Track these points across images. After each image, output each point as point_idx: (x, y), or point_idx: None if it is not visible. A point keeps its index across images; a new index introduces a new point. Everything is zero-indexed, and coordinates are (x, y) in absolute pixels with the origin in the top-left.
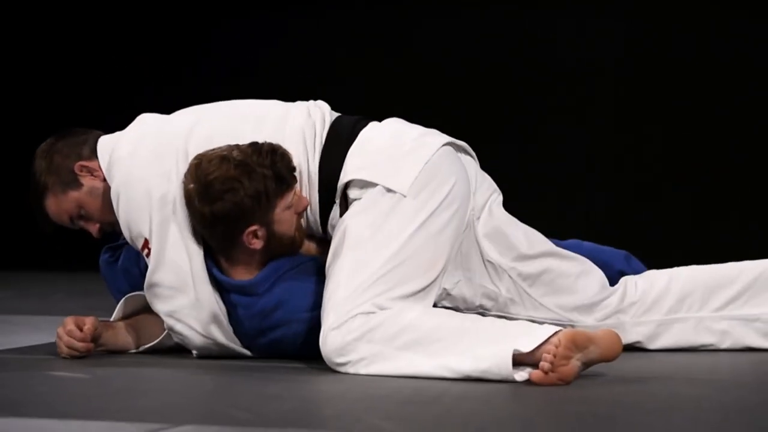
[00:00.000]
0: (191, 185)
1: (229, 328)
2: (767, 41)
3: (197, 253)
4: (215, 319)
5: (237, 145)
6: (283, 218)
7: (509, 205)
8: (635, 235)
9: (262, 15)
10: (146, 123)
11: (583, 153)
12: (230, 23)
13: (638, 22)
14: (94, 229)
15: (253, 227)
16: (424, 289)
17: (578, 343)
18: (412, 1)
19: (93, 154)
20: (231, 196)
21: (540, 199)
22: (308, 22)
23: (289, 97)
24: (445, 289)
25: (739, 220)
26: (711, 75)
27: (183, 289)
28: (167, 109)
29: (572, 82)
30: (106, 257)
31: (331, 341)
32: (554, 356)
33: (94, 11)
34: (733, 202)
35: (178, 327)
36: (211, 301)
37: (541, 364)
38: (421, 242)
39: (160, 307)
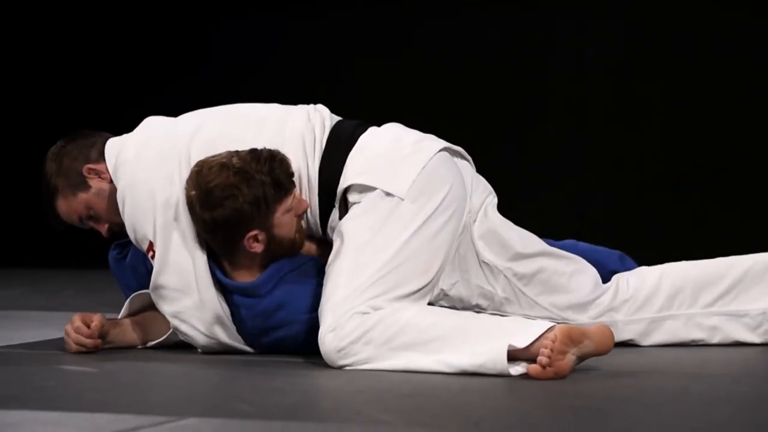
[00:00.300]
0: (192, 192)
1: (233, 328)
2: (767, 41)
3: (200, 256)
4: (219, 320)
5: (237, 152)
6: (283, 222)
7: (509, 205)
8: (635, 235)
9: (262, 15)
10: (152, 126)
11: (583, 153)
12: (230, 23)
13: (638, 22)
14: (103, 229)
15: (254, 232)
16: (420, 290)
17: (573, 337)
18: (412, 1)
19: (101, 157)
20: (231, 203)
21: (539, 199)
22: (308, 22)
23: (289, 97)
24: (442, 289)
25: (739, 219)
26: (711, 75)
27: (187, 291)
28: (167, 108)
29: (572, 82)
30: (115, 254)
31: (329, 342)
32: (551, 351)
33: (94, 12)
34: (732, 201)
35: (183, 327)
36: (214, 302)
37: (539, 358)
38: (418, 245)
39: (165, 308)
